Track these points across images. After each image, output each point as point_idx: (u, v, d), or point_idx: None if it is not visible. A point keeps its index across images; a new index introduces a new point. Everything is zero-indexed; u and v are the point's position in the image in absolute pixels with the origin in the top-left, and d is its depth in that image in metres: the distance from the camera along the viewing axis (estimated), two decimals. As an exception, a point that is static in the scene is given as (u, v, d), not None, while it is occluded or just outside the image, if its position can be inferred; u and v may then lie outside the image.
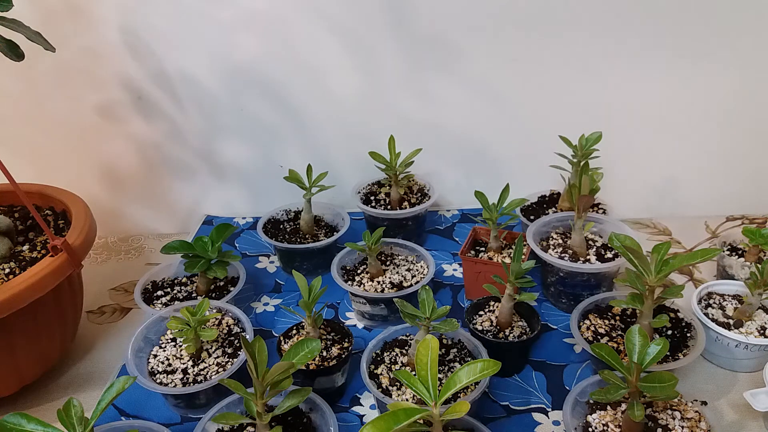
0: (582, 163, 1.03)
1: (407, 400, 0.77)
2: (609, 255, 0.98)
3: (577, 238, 0.98)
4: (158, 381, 0.84)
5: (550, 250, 1.01)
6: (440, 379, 0.79)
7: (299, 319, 1.01)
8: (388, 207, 1.19)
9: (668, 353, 0.83)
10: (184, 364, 0.86)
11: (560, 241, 1.03)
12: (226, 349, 0.88)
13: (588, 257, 0.98)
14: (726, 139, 1.22)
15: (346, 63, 1.17)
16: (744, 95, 1.16)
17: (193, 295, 1.02)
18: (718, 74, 1.14)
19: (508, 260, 1.02)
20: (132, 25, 1.13)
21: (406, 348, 0.86)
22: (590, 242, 1.02)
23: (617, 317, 0.91)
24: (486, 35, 1.13)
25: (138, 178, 1.31)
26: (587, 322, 0.90)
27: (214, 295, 1.02)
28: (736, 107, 1.17)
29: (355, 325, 1.02)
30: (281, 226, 1.19)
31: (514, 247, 0.91)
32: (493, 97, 1.20)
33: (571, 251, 0.99)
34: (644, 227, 1.26)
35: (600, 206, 1.14)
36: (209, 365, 0.86)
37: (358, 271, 1.05)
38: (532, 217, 1.12)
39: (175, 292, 1.03)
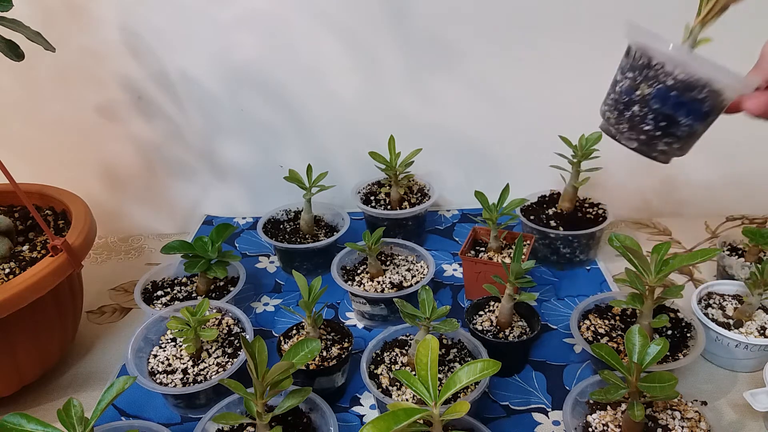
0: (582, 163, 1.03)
1: (407, 400, 0.77)
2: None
3: None
4: (158, 381, 0.84)
5: None
6: (440, 379, 0.79)
7: (299, 319, 1.01)
8: (388, 207, 1.19)
9: (668, 353, 0.83)
10: (184, 364, 0.86)
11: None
12: (226, 349, 0.88)
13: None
14: (726, 139, 1.21)
15: (346, 63, 1.17)
16: (744, 95, 1.16)
17: (193, 295, 1.02)
18: (718, 74, 1.14)
19: (508, 260, 1.02)
20: (132, 25, 1.13)
21: (406, 348, 0.86)
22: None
23: (617, 317, 0.91)
24: (486, 35, 1.13)
25: (138, 178, 1.31)
26: (587, 322, 0.90)
27: (214, 295, 1.02)
28: (736, 107, 1.17)
29: (355, 325, 1.02)
30: (281, 226, 1.19)
31: (514, 247, 0.91)
32: (493, 97, 1.20)
33: None
34: (644, 227, 1.26)
35: (600, 206, 1.14)
36: (209, 365, 0.86)
37: (358, 271, 1.05)
38: (532, 217, 1.12)
39: (175, 292, 1.03)
